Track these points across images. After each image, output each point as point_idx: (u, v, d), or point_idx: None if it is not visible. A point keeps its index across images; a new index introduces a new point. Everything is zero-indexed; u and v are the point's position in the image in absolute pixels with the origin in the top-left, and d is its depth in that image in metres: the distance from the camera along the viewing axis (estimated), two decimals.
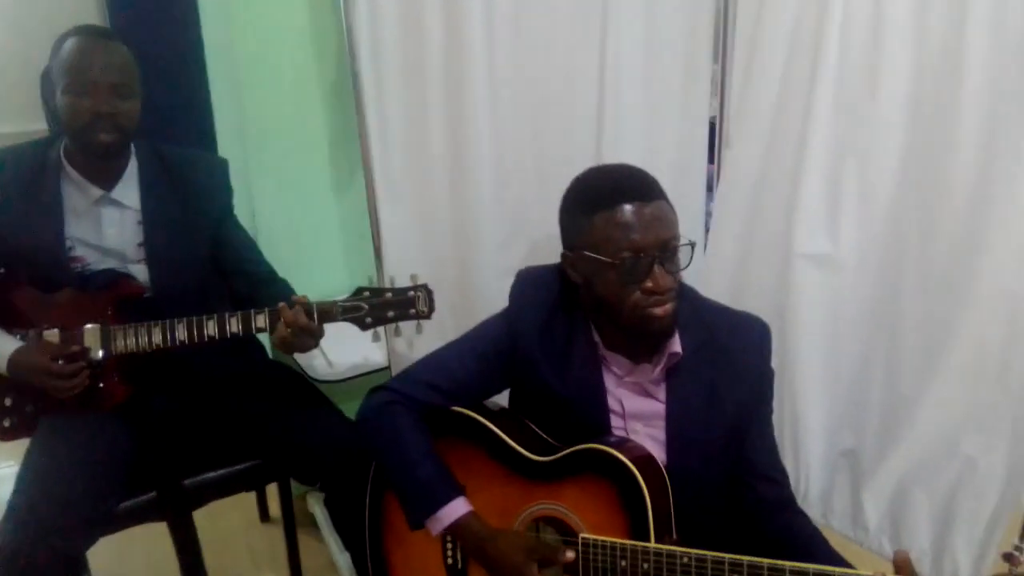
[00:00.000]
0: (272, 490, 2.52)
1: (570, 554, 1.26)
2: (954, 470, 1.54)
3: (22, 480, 1.62)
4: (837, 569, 1.10)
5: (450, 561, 1.40)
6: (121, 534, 1.69)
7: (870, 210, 1.58)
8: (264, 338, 2.01)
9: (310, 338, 1.61)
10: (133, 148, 1.75)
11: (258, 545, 2.41)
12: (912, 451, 1.59)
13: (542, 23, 1.72)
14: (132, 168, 1.75)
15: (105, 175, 1.72)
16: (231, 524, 2.45)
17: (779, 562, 1.12)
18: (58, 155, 1.72)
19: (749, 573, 1.14)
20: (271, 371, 1.96)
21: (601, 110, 1.77)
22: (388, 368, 1.92)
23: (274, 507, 2.54)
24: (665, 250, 1.24)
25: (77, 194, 1.71)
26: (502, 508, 1.34)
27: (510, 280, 1.88)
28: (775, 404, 1.43)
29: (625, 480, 1.24)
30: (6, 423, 1.78)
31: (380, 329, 1.66)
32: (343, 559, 2.21)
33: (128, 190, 1.74)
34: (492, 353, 1.41)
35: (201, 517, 1.82)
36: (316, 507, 2.40)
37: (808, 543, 1.30)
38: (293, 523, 2.07)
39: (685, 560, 1.18)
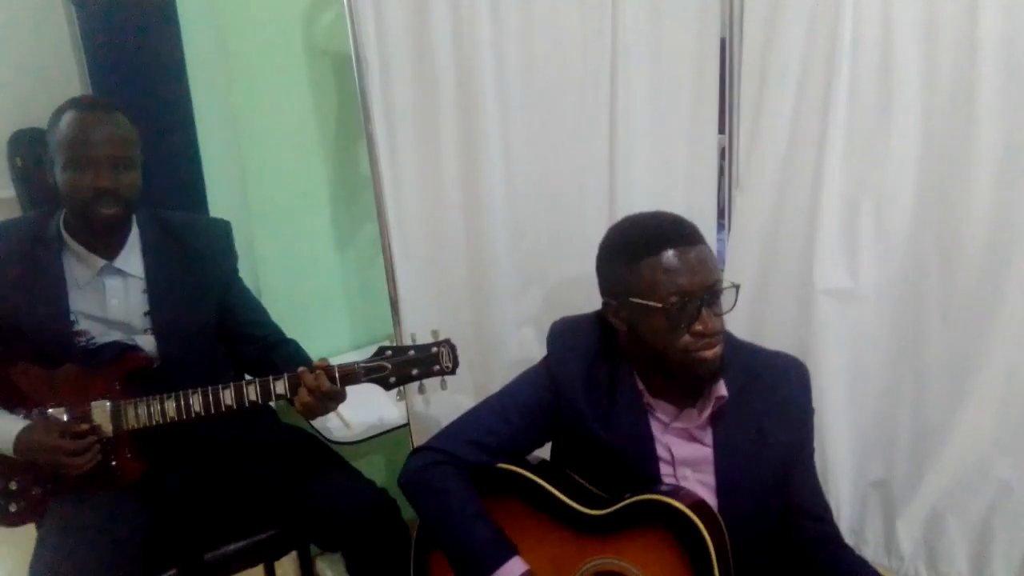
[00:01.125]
0: (282, 559, 2.45)
1: None
2: (988, 494, 1.58)
3: (37, 567, 1.55)
4: None
5: None
6: None
7: (888, 243, 1.62)
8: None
9: (332, 402, 1.58)
10: (134, 216, 1.72)
11: None
12: (944, 478, 1.63)
13: (554, 79, 1.75)
14: (134, 236, 1.73)
15: (107, 244, 1.69)
16: None
17: None
18: (57, 227, 1.69)
19: None
20: (285, 435, 1.92)
21: (613, 161, 1.81)
22: (407, 426, 1.88)
23: (283, 573, 2.47)
24: (711, 293, 1.26)
25: (79, 266, 1.68)
26: (557, 565, 1.32)
27: (527, 331, 1.90)
28: None
29: (685, 530, 1.23)
30: (12, 508, 1.70)
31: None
32: None
33: (131, 258, 1.71)
34: (535, 407, 1.40)
35: None
36: (328, 571, 2.33)
37: None
38: None
39: None
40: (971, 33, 1.43)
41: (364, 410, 1.96)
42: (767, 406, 1.36)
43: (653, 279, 1.25)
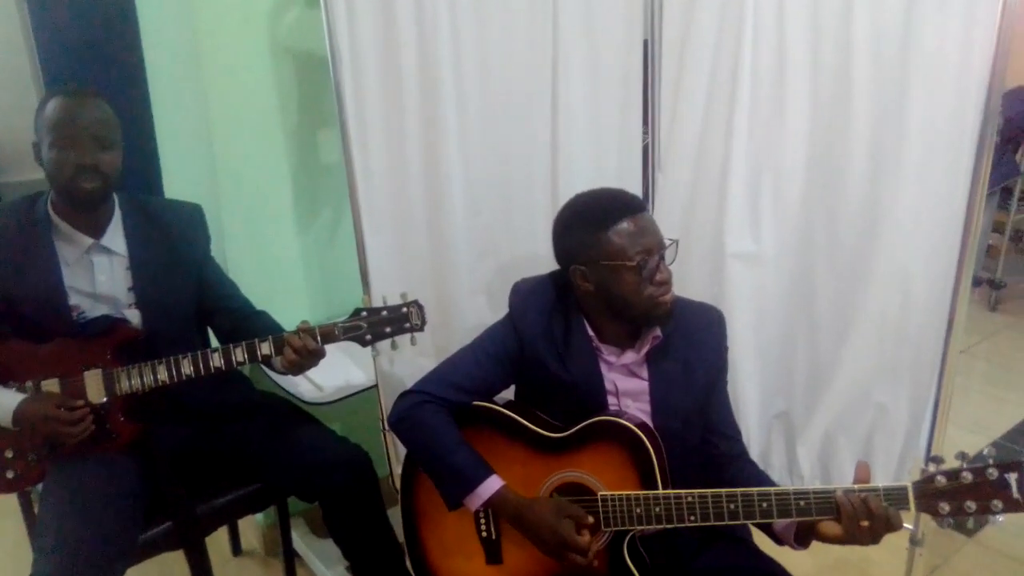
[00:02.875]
0: (244, 523, 2.61)
1: (590, 519, 1.50)
2: (869, 417, 1.90)
3: (46, 523, 1.69)
4: (811, 488, 1.39)
5: (484, 533, 1.61)
6: None
7: (784, 213, 1.92)
8: (247, 371, 2.14)
9: (315, 359, 1.78)
10: (116, 198, 1.87)
11: None
12: (834, 406, 1.94)
13: (504, 80, 1.97)
14: (117, 217, 1.87)
15: (93, 224, 1.82)
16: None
17: (765, 488, 1.41)
18: (45, 209, 1.81)
19: (742, 502, 1.42)
20: (262, 400, 2.09)
21: (554, 152, 2.05)
22: (376, 387, 2.08)
23: (246, 540, 2.63)
24: (663, 248, 1.53)
25: (67, 245, 1.81)
26: (527, 481, 1.56)
27: (480, 299, 2.13)
28: None
29: (632, 443, 1.49)
30: (9, 474, 1.82)
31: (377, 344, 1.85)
32: (332, 574, 2.34)
33: (115, 237, 1.85)
34: (503, 353, 1.63)
35: (171, 559, 1.90)
36: (292, 532, 2.50)
37: (759, 484, 1.53)
38: (291, 543, 2.18)
39: (690, 500, 1.44)
40: (847, 35, 1.73)
41: (331, 374, 2.14)
42: (692, 345, 1.62)
43: (621, 244, 1.49)
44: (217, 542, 2.56)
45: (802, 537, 1.45)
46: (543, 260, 2.14)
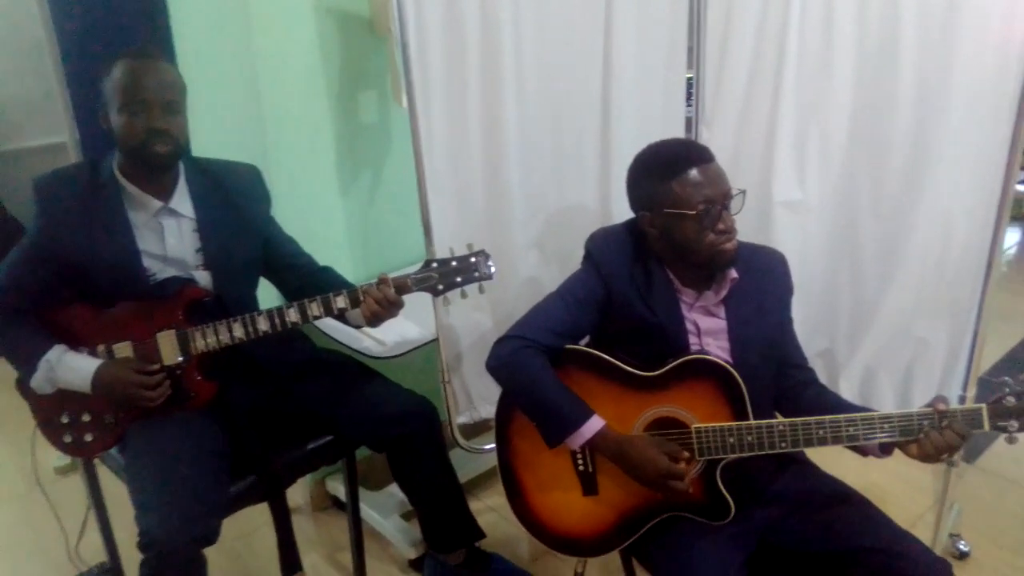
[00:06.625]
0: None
1: (685, 453, 1.61)
2: (910, 351, 2.04)
3: (141, 481, 1.73)
4: (896, 412, 1.52)
5: (581, 468, 1.70)
6: None
7: (830, 162, 2.03)
8: (309, 329, 2.17)
9: (396, 308, 1.84)
10: (180, 161, 1.88)
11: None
12: (877, 342, 2.08)
13: (560, 42, 2.04)
14: (182, 179, 1.89)
15: (161, 187, 1.84)
16: (252, 521, 2.52)
17: (852, 415, 1.53)
18: (111, 173, 1.82)
19: (831, 428, 1.54)
20: (327, 356, 2.14)
21: (606, 111, 2.12)
22: (437, 340, 2.14)
23: (291, 499, 2.66)
24: (727, 198, 1.62)
25: (137, 208, 1.83)
26: (620, 417, 1.65)
27: (533, 253, 2.21)
28: None
29: (724, 378, 1.60)
30: (87, 437, 1.86)
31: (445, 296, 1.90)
32: (389, 524, 2.42)
33: (182, 200, 1.88)
34: (591, 298, 1.72)
35: None
36: (341, 488, 2.55)
37: (836, 404, 1.69)
38: (356, 493, 2.23)
39: (781, 428, 1.56)
40: None
41: (391, 330, 2.19)
42: (763, 285, 1.74)
43: (684, 193, 1.59)
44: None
45: (886, 447, 1.57)
46: (592, 214, 2.23)
